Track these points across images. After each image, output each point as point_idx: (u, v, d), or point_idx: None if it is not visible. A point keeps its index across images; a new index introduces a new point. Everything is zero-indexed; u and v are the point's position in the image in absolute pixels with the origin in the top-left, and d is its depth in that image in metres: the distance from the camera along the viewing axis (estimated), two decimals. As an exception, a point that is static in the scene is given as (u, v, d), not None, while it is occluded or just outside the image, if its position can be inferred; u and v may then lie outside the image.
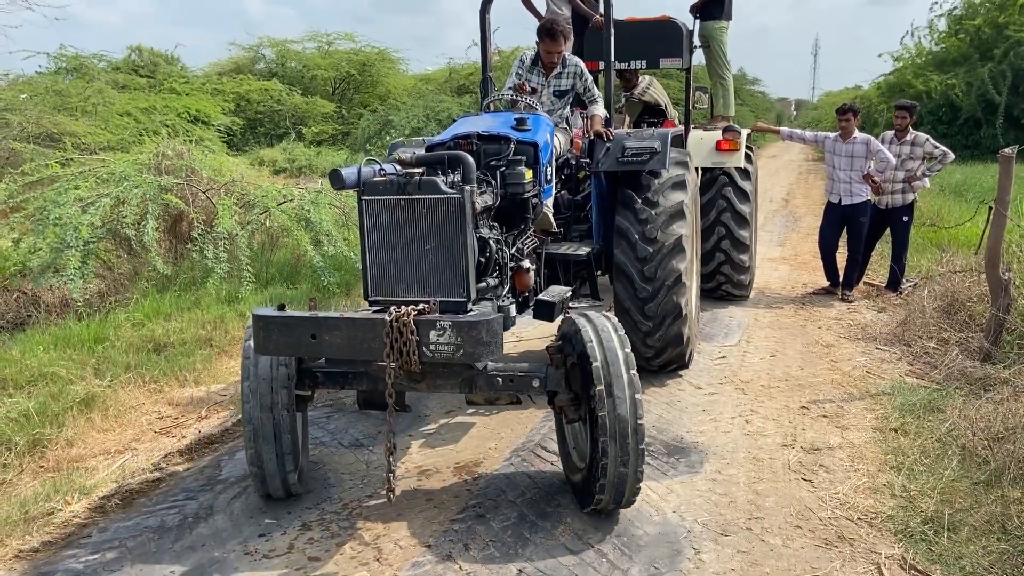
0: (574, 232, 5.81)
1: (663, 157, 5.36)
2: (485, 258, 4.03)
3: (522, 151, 4.57)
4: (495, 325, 3.31)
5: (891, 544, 3.63)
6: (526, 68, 5.76)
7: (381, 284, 3.76)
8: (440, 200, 3.64)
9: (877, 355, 6.50)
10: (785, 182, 21.48)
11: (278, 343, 3.47)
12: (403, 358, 3.32)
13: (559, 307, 4.70)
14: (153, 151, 9.57)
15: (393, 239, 3.71)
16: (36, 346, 6.35)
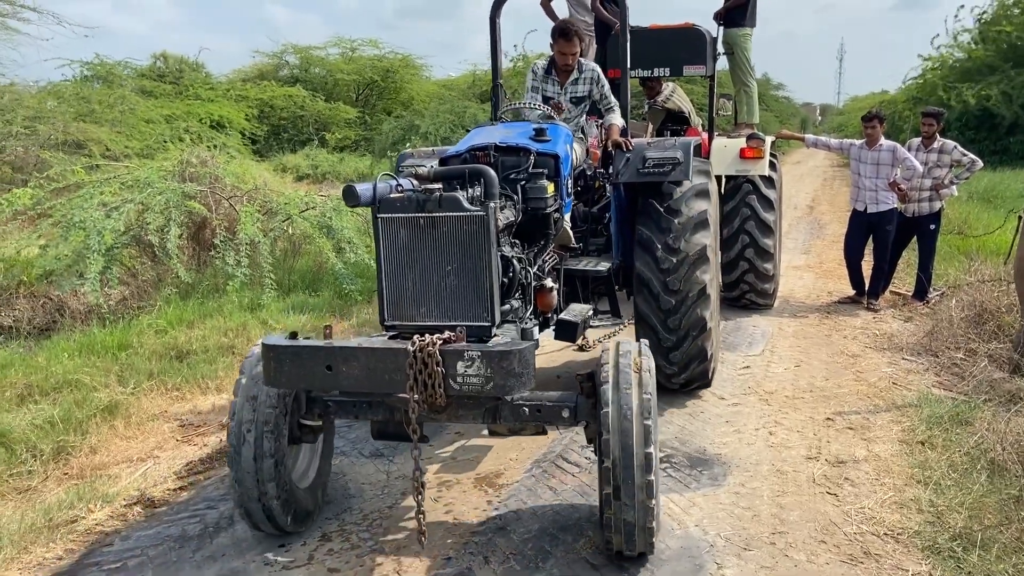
0: (591, 246, 5.58)
1: (686, 167, 5.12)
2: (508, 278, 3.79)
3: (542, 163, 4.39)
4: (527, 355, 3.12)
5: (918, 561, 3.56)
6: (539, 78, 5.61)
7: (398, 308, 3.53)
8: (462, 218, 3.42)
9: (903, 365, 6.40)
10: (810, 189, 21.29)
11: (290, 375, 3.25)
12: (427, 391, 3.10)
13: (581, 327, 4.56)
14: (177, 158, 9.66)
15: (411, 259, 3.49)
16: (61, 353, 6.42)
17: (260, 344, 3.40)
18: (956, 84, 23.33)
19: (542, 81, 5.62)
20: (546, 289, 4.27)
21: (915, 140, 8.33)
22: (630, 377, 3.26)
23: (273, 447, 3.52)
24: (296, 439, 3.75)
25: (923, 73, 26.55)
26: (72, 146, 13.72)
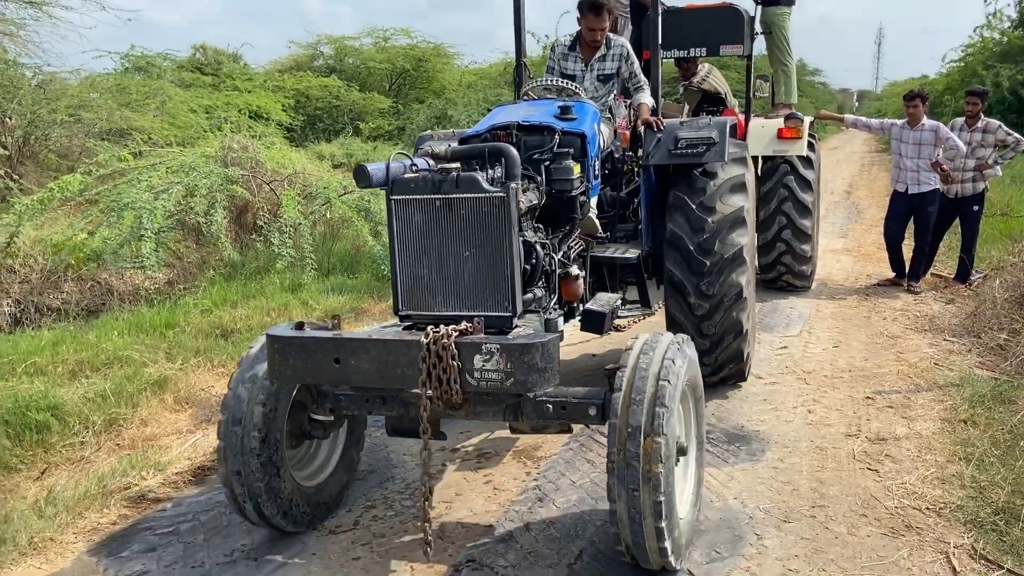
0: (619, 232, 5.26)
1: (721, 149, 4.74)
2: (531, 265, 3.55)
3: (568, 143, 4.12)
4: (551, 348, 2.91)
5: (960, 534, 3.55)
6: (557, 56, 5.32)
7: (413, 297, 3.34)
8: (481, 199, 3.20)
9: (945, 346, 6.34)
10: (847, 174, 20.99)
11: (296, 368, 3.07)
12: (442, 387, 2.90)
13: (609, 317, 4.35)
14: (219, 144, 9.84)
15: (427, 244, 3.28)
16: (111, 331, 6.60)
17: (264, 336, 3.22)
18: (995, 65, 22.80)
19: (561, 59, 5.32)
20: (571, 277, 4.01)
21: (958, 120, 8.20)
22: (649, 366, 3.01)
23: (262, 445, 3.32)
24: (306, 434, 3.60)
25: (963, 56, 25.97)
26: (115, 134, 14.00)
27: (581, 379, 5.58)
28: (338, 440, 3.92)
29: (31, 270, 8.34)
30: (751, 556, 3.42)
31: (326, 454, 3.88)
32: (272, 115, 21.53)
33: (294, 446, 3.63)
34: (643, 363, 3.02)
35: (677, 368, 3.03)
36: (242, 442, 3.31)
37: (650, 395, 2.93)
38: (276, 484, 3.39)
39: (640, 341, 3.16)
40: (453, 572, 3.34)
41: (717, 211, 4.80)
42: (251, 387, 3.36)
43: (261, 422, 3.32)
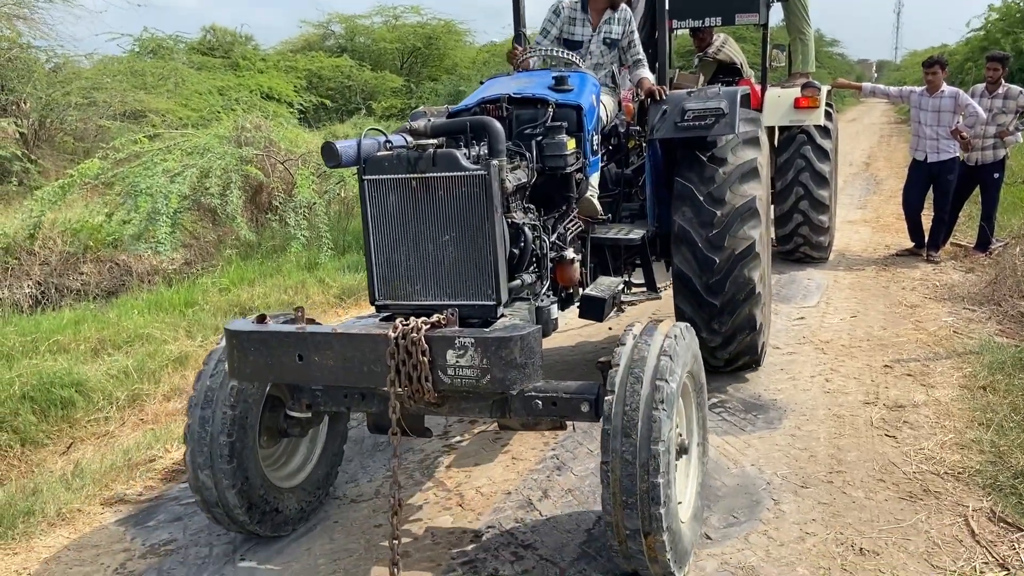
0: (624, 212, 4.98)
1: (731, 120, 4.41)
2: (519, 249, 3.30)
3: (563, 116, 3.83)
4: (531, 341, 2.69)
5: (979, 498, 3.55)
6: (564, 19, 4.91)
7: (390, 285, 3.11)
8: (460, 178, 2.95)
9: (965, 315, 6.29)
10: (866, 145, 20.75)
11: (256, 366, 2.85)
12: (413, 385, 2.69)
13: (610, 303, 4.09)
14: (233, 124, 9.86)
15: (403, 228, 3.04)
16: (131, 310, 6.68)
17: None
18: (1016, 31, 22.41)
19: (567, 22, 4.92)
20: (566, 261, 3.75)
21: (978, 86, 8.08)
22: (644, 362, 2.77)
23: (231, 447, 3.12)
24: (282, 432, 3.40)
25: (985, 23, 25.53)
26: (130, 116, 14.07)
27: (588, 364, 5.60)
28: (319, 436, 3.69)
29: (51, 252, 8.43)
30: (768, 520, 3.43)
31: (306, 452, 3.65)
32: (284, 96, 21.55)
33: (270, 445, 3.43)
34: (637, 358, 2.78)
35: (675, 362, 2.79)
36: (210, 444, 3.12)
37: (646, 396, 2.70)
38: (249, 487, 3.20)
39: (634, 332, 2.93)
40: (474, 538, 3.38)
41: (727, 202, 4.47)
42: (219, 385, 3.17)
43: (230, 422, 3.13)
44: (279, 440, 3.51)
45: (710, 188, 4.49)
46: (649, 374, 2.74)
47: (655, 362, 2.77)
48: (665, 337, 2.88)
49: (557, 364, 5.42)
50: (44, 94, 13.30)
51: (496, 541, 3.36)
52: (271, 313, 3.11)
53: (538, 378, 2.78)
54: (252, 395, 3.23)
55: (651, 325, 2.97)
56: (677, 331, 2.95)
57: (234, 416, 3.15)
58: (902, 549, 3.20)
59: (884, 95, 8.73)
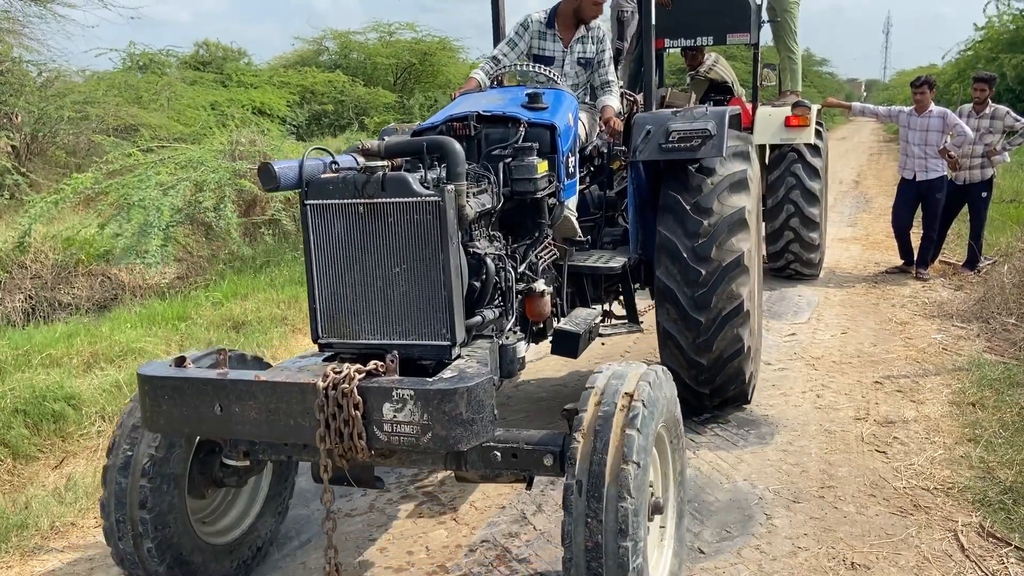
0: (606, 237, 4.72)
1: (719, 142, 4.16)
2: (481, 281, 3.06)
3: (535, 136, 3.58)
4: (479, 393, 2.41)
5: (968, 512, 3.59)
6: (533, 33, 4.62)
7: (335, 322, 2.81)
8: (412, 204, 2.67)
9: (954, 332, 6.35)
10: (855, 163, 20.95)
11: (171, 417, 2.56)
12: (345, 443, 2.39)
13: (585, 338, 3.83)
14: (227, 139, 9.90)
15: (349, 259, 2.75)
16: (123, 324, 6.67)
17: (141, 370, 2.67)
18: (999, 56, 22.72)
19: (537, 37, 4.63)
20: (536, 294, 3.46)
21: (966, 106, 8.19)
22: (613, 411, 2.48)
23: (153, 498, 2.81)
24: (218, 482, 3.03)
25: (972, 44, 25.88)
26: (123, 131, 14.08)
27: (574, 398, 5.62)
28: (261, 485, 3.33)
29: (43, 266, 8.41)
30: (761, 535, 3.46)
31: (245, 503, 3.31)
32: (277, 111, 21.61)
33: (204, 496, 3.07)
34: (606, 406, 2.50)
35: (649, 410, 2.52)
36: (128, 494, 2.80)
37: (615, 448, 2.41)
38: (174, 543, 2.88)
39: (604, 376, 2.64)
40: (468, 553, 3.38)
41: (714, 212, 4.23)
42: (138, 439, 2.85)
43: (152, 469, 2.81)
44: (214, 491, 3.11)
45: (697, 197, 4.27)
46: (619, 424, 2.45)
47: (625, 410, 2.48)
48: (639, 381, 2.59)
49: (543, 399, 5.44)
50: (36, 108, 13.30)
51: (490, 555, 3.36)
52: (193, 354, 2.76)
53: (488, 433, 2.48)
54: (181, 438, 2.88)
55: (623, 367, 2.69)
56: (652, 375, 2.66)
57: (157, 459, 2.82)
58: (893, 563, 3.23)
59: (873, 115, 8.85)
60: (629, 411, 2.48)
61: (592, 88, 4.74)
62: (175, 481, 2.88)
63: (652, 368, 2.71)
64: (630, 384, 2.57)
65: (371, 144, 2.88)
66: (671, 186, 4.35)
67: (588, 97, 4.76)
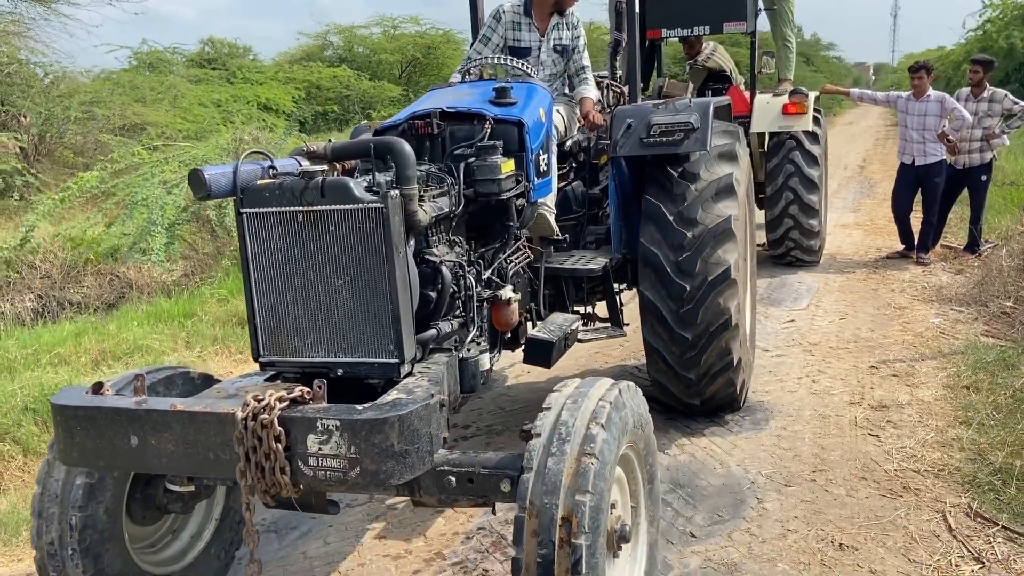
0: (589, 237, 4.56)
1: (703, 135, 3.98)
2: (437, 291, 2.89)
3: (501, 133, 3.43)
4: (415, 422, 2.23)
5: (957, 493, 3.64)
6: (506, 24, 4.45)
7: (276, 339, 2.64)
8: (354, 212, 2.49)
9: (952, 316, 6.38)
10: (861, 148, 20.88)
11: (84, 449, 2.39)
12: (267, 478, 2.21)
13: (559, 346, 3.63)
14: (231, 136, 9.99)
15: (289, 270, 2.58)
16: (130, 322, 6.78)
17: None
18: (1012, 33, 22.54)
19: (511, 28, 4.46)
20: (502, 302, 3.29)
21: (963, 90, 8.18)
22: (568, 436, 2.26)
23: (84, 527, 2.62)
24: (162, 508, 2.83)
25: (981, 24, 25.68)
26: (129, 129, 14.20)
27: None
28: (212, 511, 3.12)
29: (51, 265, 8.55)
30: (752, 518, 3.53)
31: (195, 529, 3.10)
32: (282, 107, 21.71)
33: (147, 522, 2.89)
34: (563, 428, 2.28)
35: (610, 432, 2.31)
36: (59, 523, 2.61)
37: (569, 475, 2.19)
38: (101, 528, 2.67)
39: (563, 394, 2.45)
40: (464, 540, 3.46)
41: (699, 222, 4.02)
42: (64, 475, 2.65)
43: (84, 497, 2.61)
44: (159, 517, 2.93)
45: (680, 207, 4.07)
46: (575, 448, 2.23)
47: (583, 432, 2.27)
48: (600, 400, 2.39)
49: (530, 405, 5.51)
50: (44, 109, 13.43)
51: (486, 542, 3.44)
52: (111, 380, 2.60)
53: (426, 465, 2.30)
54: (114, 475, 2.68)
55: (585, 384, 2.49)
56: (615, 393, 2.45)
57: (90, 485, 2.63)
58: (881, 544, 3.29)
59: (872, 100, 8.85)
60: (587, 432, 2.27)
61: (569, 77, 4.62)
62: (110, 509, 2.69)
63: (617, 384, 2.53)
64: (591, 403, 2.37)
65: (316, 146, 2.74)
66: (653, 192, 4.17)
67: (567, 88, 4.64)
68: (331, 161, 2.70)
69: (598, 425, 2.30)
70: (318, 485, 2.28)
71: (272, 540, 3.56)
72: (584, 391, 2.44)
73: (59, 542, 2.61)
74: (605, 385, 2.50)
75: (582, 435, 2.27)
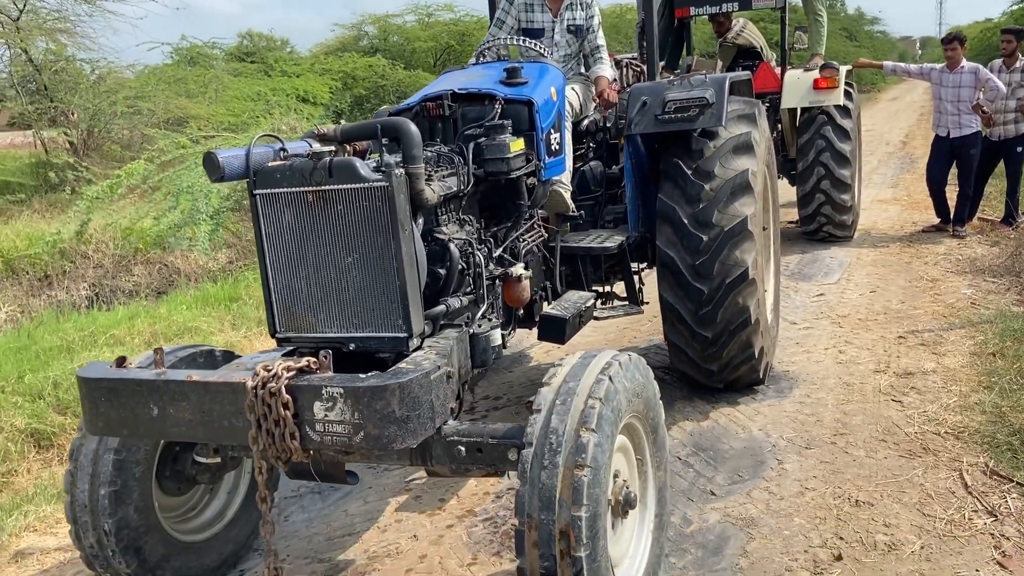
0: (608, 216, 4.57)
1: (718, 111, 3.97)
2: (446, 268, 2.98)
3: (511, 113, 3.48)
4: (415, 389, 2.31)
5: (976, 454, 3.73)
6: (519, 6, 4.54)
7: (291, 315, 2.75)
8: (360, 191, 2.58)
9: (985, 287, 6.38)
10: (904, 124, 20.55)
11: (109, 419, 2.53)
12: (277, 444, 2.33)
13: (573, 323, 3.68)
14: (270, 126, 10.27)
15: (302, 249, 2.68)
16: (180, 306, 7.10)
17: None
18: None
19: (523, 10, 4.53)
20: (513, 279, 3.35)
21: (996, 61, 8.11)
22: (569, 408, 2.32)
23: (115, 498, 2.78)
24: (190, 480, 3.01)
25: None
26: (173, 123, 14.62)
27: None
28: (240, 480, 3.27)
29: (104, 255, 8.94)
30: (771, 478, 3.66)
31: (224, 500, 3.25)
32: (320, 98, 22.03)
33: (178, 493, 3.06)
34: (562, 400, 2.33)
35: (609, 406, 2.35)
36: (90, 494, 2.77)
37: (568, 448, 2.25)
38: (141, 542, 2.84)
39: (566, 366, 2.51)
40: (495, 499, 3.65)
41: (716, 176, 4.04)
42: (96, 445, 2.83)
43: (115, 468, 2.79)
44: (188, 488, 3.09)
45: (698, 161, 4.08)
46: (574, 420, 2.29)
47: (582, 406, 2.32)
48: (600, 373, 2.43)
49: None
50: (91, 104, 13.91)
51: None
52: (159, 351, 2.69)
53: (428, 431, 2.38)
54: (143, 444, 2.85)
55: (586, 357, 2.55)
56: (617, 365, 2.49)
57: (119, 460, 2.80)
58: (896, 500, 3.40)
59: (905, 73, 8.78)
60: (586, 406, 2.32)
61: (585, 57, 4.67)
62: (140, 480, 2.85)
63: (619, 356, 2.56)
64: (590, 377, 2.41)
65: (327, 129, 2.78)
66: (672, 151, 4.19)
67: (583, 68, 4.69)
68: (341, 143, 2.75)
69: (596, 398, 2.34)
70: (326, 449, 2.40)
71: (316, 500, 3.79)
72: (586, 361, 2.50)
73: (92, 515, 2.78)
74: (608, 356, 2.54)
75: (582, 406, 2.33)
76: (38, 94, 14.31)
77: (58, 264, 8.50)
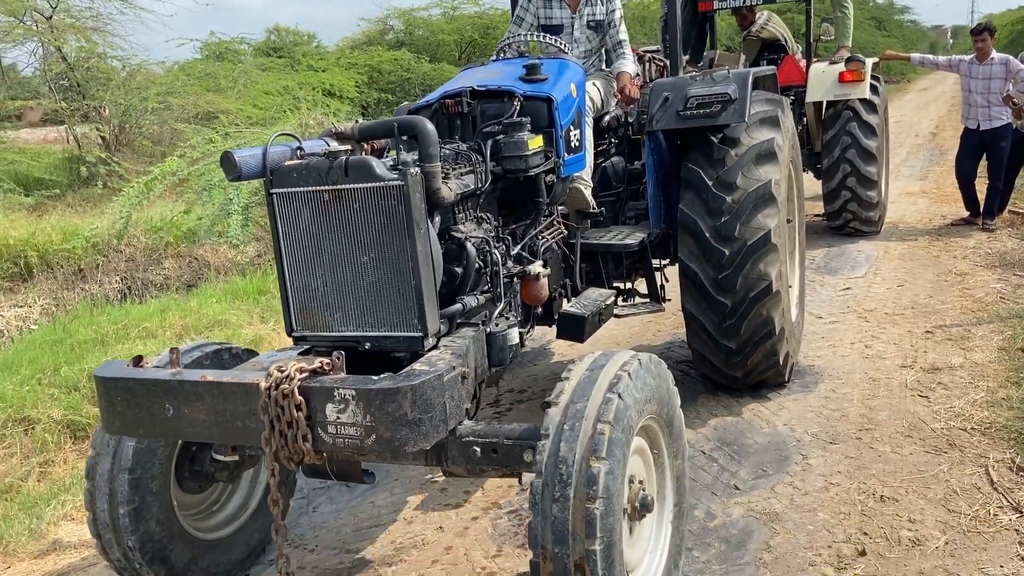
0: (629, 212, 4.55)
1: (741, 107, 3.94)
2: (463, 267, 2.97)
3: (530, 110, 3.45)
4: (428, 391, 2.29)
5: (1002, 450, 3.71)
6: (537, 3, 4.53)
7: (308, 314, 2.75)
8: (376, 190, 2.56)
9: (1014, 281, 6.31)
10: (935, 115, 20.25)
11: (125, 419, 2.55)
12: (290, 445, 2.33)
13: (592, 321, 3.68)
14: (297, 121, 10.39)
15: (318, 248, 2.68)
16: (209, 299, 7.22)
17: None
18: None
19: (542, 6, 4.52)
20: (531, 277, 3.33)
21: (1029, 51, 7.98)
22: (585, 407, 2.30)
23: (133, 492, 2.80)
24: (209, 477, 3.02)
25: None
26: (203, 118, 14.81)
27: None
28: (258, 478, 3.29)
29: (135, 249, 9.11)
30: (795, 473, 3.67)
31: (246, 491, 3.28)
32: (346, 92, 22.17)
33: (196, 491, 3.09)
34: (570, 425, 2.29)
35: (627, 402, 2.34)
36: (110, 490, 2.79)
37: (584, 445, 2.24)
38: (158, 538, 2.88)
39: (582, 366, 2.50)
40: (519, 492, 3.70)
41: (738, 187, 3.98)
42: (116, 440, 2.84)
43: (134, 465, 2.80)
44: (206, 485, 3.11)
45: (719, 171, 4.03)
46: (591, 418, 2.28)
47: (599, 403, 2.31)
48: (619, 371, 2.41)
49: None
50: (122, 100, 14.12)
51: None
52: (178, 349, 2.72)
53: (440, 433, 2.36)
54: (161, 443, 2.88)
55: (604, 355, 2.54)
56: (635, 364, 2.48)
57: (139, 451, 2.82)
58: (921, 496, 3.41)
59: (933, 65, 8.69)
60: (603, 403, 2.31)
61: (607, 52, 4.63)
62: (158, 494, 2.86)
63: (636, 356, 2.53)
64: (608, 375, 2.40)
65: (344, 127, 2.78)
66: (692, 158, 4.13)
67: (605, 64, 4.65)
68: (358, 141, 2.74)
69: (614, 394, 2.31)
70: (338, 452, 2.39)
71: (344, 492, 3.86)
72: (604, 359, 2.48)
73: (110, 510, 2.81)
74: (626, 355, 2.52)
75: (598, 403, 2.30)
76: (71, 91, 14.56)
77: (91, 258, 8.67)
